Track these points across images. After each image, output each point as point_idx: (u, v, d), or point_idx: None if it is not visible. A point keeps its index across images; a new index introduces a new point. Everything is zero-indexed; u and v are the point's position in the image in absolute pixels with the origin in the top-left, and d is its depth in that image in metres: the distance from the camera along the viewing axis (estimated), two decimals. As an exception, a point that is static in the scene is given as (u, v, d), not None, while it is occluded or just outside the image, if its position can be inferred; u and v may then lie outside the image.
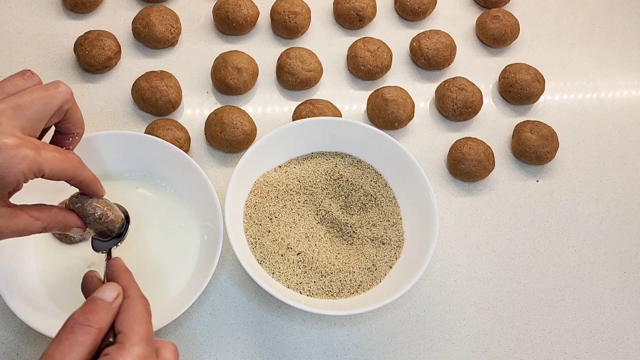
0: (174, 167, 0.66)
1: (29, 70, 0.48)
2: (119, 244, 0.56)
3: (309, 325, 0.65)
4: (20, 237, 0.47)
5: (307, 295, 0.63)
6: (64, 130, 0.51)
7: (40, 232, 0.49)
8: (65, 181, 0.48)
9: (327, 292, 0.63)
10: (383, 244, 0.67)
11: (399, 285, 0.61)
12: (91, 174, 0.51)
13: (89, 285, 0.49)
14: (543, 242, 0.73)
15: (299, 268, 0.64)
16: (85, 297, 0.48)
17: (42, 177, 0.45)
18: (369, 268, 0.65)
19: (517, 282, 0.70)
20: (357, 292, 0.64)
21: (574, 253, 0.73)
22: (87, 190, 0.52)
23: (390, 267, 0.66)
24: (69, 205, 0.52)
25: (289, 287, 0.63)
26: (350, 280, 0.64)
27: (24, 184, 0.45)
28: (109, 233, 0.55)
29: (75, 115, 0.50)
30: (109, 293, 0.45)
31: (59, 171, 0.46)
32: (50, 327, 0.57)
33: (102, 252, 0.55)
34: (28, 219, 0.47)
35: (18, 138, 0.43)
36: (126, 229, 0.57)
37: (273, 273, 0.64)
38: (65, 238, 0.63)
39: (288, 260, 0.65)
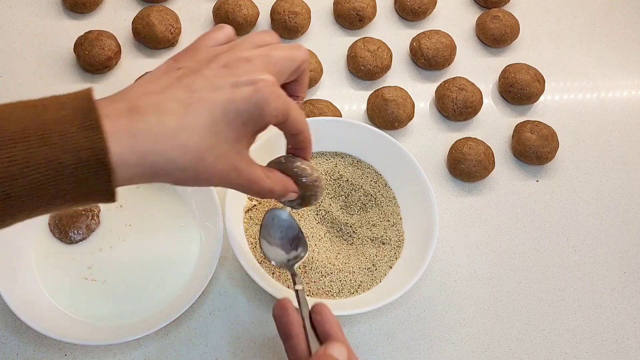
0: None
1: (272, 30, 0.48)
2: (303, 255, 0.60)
3: (309, 325, 0.65)
4: (245, 192, 0.45)
5: (307, 296, 0.63)
6: (290, 92, 0.49)
7: (262, 195, 0.46)
8: (291, 135, 0.47)
9: (327, 292, 0.63)
10: (383, 244, 0.67)
11: (399, 285, 0.61)
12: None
13: (288, 318, 0.49)
14: (543, 242, 0.73)
15: (299, 268, 0.64)
16: (280, 328, 0.49)
17: (280, 123, 0.44)
18: (369, 268, 0.65)
19: (517, 282, 0.70)
20: (357, 292, 0.64)
21: (574, 253, 0.73)
22: (305, 150, 0.49)
23: (390, 267, 0.66)
24: (285, 166, 0.49)
25: (289, 287, 0.63)
26: (350, 280, 0.64)
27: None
28: (313, 201, 0.51)
29: (305, 79, 0.48)
30: (343, 356, 0.47)
31: (299, 120, 0.45)
32: (50, 327, 0.57)
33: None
34: (261, 173, 0.45)
35: (274, 78, 0.42)
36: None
37: (273, 273, 0.64)
38: (65, 238, 0.63)
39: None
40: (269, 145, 0.67)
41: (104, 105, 0.37)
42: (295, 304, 0.52)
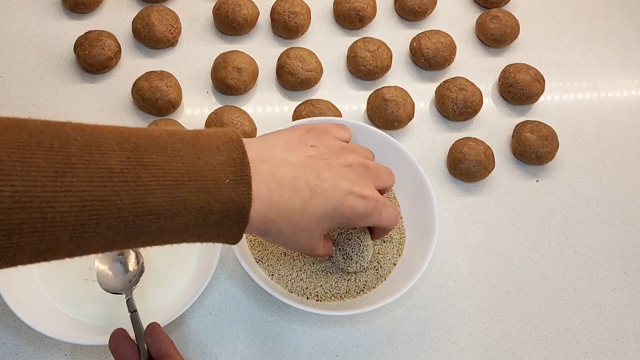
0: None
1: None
2: (134, 287, 0.59)
3: (309, 325, 0.65)
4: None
5: (316, 300, 0.63)
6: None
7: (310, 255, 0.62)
8: (378, 228, 0.59)
9: (334, 294, 0.63)
10: (384, 242, 0.67)
11: (402, 283, 0.61)
12: None
13: (122, 349, 0.50)
14: (543, 242, 0.73)
15: (303, 273, 0.64)
16: (112, 351, 0.50)
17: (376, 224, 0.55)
18: (374, 266, 0.65)
19: (517, 282, 0.70)
20: (363, 291, 0.64)
21: (574, 253, 0.73)
22: (379, 234, 0.62)
23: (394, 265, 0.65)
24: (343, 241, 0.61)
25: (291, 292, 0.63)
26: (356, 280, 0.64)
27: None
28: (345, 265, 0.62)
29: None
30: None
31: (392, 221, 0.55)
32: (50, 327, 0.57)
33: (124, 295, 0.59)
34: (322, 246, 0.55)
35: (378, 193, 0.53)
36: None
37: (272, 274, 0.64)
38: None
39: (289, 261, 0.64)
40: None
41: (253, 162, 0.43)
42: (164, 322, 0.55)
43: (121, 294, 0.58)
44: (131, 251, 0.61)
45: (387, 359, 0.65)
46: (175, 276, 0.63)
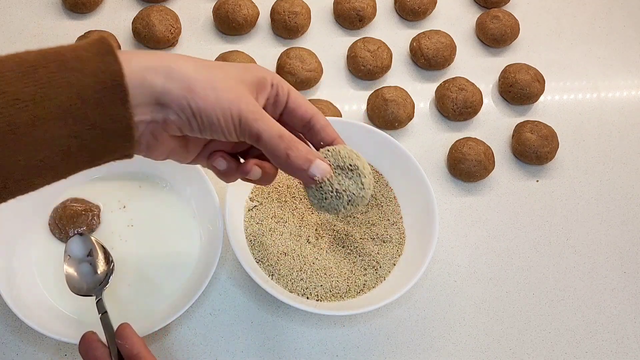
0: (174, 167, 0.66)
1: None
2: (105, 288, 0.58)
3: (309, 325, 0.65)
4: (249, 138, 0.43)
5: (316, 300, 0.63)
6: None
7: (270, 150, 0.44)
8: (305, 125, 0.48)
9: (334, 294, 0.63)
10: (384, 242, 0.67)
11: (402, 284, 0.61)
12: None
13: (93, 352, 0.50)
14: (543, 242, 0.73)
15: (303, 273, 0.64)
16: (82, 354, 0.49)
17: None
18: (374, 266, 0.65)
19: (517, 282, 0.70)
20: (362, 291, 0.64)
21: (574, 253, 0.73)
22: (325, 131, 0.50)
23: (394, 265, 0.66)
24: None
25: (291, 292, 0.63)
26: (356, 279, 0.64)
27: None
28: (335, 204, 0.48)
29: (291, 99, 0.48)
30: None
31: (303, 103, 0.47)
32: (50, 327, 0.57)
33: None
34: (273, 120, 0.44)
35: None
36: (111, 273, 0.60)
37: (272, 275, 0.64)
38: (65, 238, 0.63)
39: (289, 261, 0.65)
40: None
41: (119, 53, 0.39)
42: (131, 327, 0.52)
43: (92, 295, 0.57)
44: (99, 252, 0.60)
45: (387, 359, 0.65)
46: (175, 276, 0.63)
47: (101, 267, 0.59)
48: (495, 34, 0.84)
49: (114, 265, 0.60)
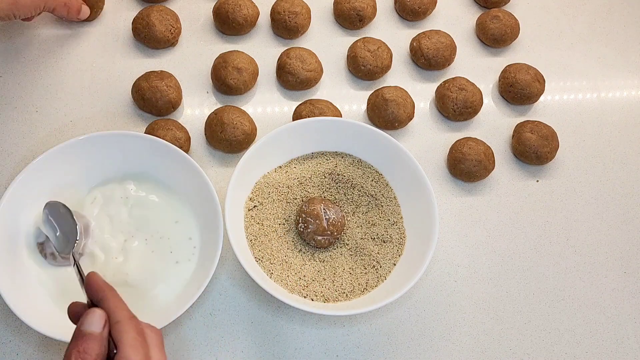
0: (174, 168, 0.66)
1: None
2: (75, 244, 0.60)
3: (309, 325, 0.65)
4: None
5: (316, 300, 0.63)
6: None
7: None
8: None
9: (341, 293, 0.63)
10: (384, 242, 0.67)
11: (403, 283, 0.61)
12: None
13: (75, 310, 0.49)
14: (543, 242, 0.73)
15: (303, 273, 0.64)
16: (74, 323, 0.47)
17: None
18: (374, 266, 0.65)
19: (517, 282, 0.70)
20: (365, 290, 0.64)
21: (574, 253, 0.73)
22: None
23: (394, 265, 0.66)
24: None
25: (291, 292, 0.63)
26: (358, 279, 0.64)
27: None
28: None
29: None
30: (96, 324, 0.44)
31: None
32: (50, 327, 0.57)
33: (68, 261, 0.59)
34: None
35: None
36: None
37: (272, 274, 0.64)
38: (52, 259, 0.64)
39: (289, 261, 0.65)
40: (267, 148, 0.67)
41: None
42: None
43: (67, 264, 0.61)
44: (74, 220, 0.62)
45: (387, 359, 0.65)
46: (175, 276, 0.63)
47: (64, 231, 0.62)
48: (495, 34, 0.84)
49: (81, 230, 0.62)
